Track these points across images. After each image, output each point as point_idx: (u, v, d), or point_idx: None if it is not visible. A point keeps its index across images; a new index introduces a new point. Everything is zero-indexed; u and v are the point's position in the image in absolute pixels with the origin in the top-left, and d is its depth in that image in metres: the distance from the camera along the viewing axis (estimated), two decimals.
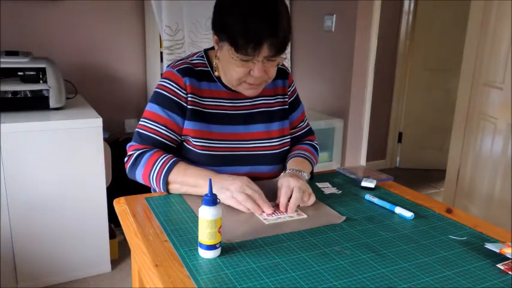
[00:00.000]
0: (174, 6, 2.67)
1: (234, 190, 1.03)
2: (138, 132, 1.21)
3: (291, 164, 1.25)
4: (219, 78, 1.24)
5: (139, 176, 1.17)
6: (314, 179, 1.32)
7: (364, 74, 2.72)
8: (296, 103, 1.38)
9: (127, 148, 1.21)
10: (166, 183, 1.12)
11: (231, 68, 1.12)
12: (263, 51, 1.05)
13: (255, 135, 1.26)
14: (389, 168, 4.13)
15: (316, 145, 1.43)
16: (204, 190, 0.86)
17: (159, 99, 1.20)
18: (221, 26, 1.10)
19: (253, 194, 1.03)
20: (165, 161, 1.13)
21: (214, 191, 0.88)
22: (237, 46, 1.05)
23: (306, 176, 1.20)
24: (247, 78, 1.13)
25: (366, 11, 2.63)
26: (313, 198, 1.09)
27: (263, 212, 1.03)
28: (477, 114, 2.66)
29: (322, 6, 2.87)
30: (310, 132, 1.45)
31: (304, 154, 1.31)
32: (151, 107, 1.21)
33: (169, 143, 1.20)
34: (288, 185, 1.07)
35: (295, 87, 1.38)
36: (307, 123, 1.45)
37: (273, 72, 1.14)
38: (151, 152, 1.16)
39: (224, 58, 1.13)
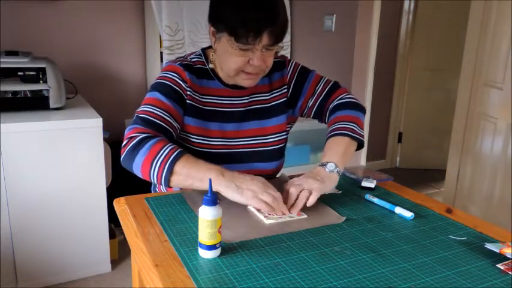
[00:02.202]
0: (174, 6, 2.67)
1: (258, 190, 0.99)
2: (139, 117, 1.13)
3: (324, 154, 1.17)
4: (217, 76, 1.24)
5: (138, 161, 1.06)
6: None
7: (364, 74, 2.72)
8: (303, 75, 1.32)
9: (127, 131, 1.11)
10: (170, 173, 1.03)
11: (230, 59, 1.12)
12: (263, 40, 1.07)
13: (250, 132, 1.27)
14: (389, 168, 4.13)
15: (351, 99, 1.30)
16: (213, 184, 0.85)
17: (160, 88, 1.18)
18: (219, 17, 1.11)
19: (276, 194, 1.01)
20: (172, 148, 1.05)
21: (231, 191, 0.87)
22: (237, 36, 1.06)
23: (333, 166, 1.11)
24: (246, 68, 1.13)
25: (366, 11, 2.63)
26: (311, 199, 1.05)
27: (283, 213, 1.02)
28: (477, 114, 2.66)
29: (322, 6, 2.87)
30: (334, 87, 1.33)
31: (341, 130, 1.20)
32: (152, 94, 1.17)
33: (170, 130, 1.15)
34: (297, 185, 1.06)
35: (295, 64, 1.33)
36: (327, 80, 1.34)
37: (270, 61, 1.15)
38: (158, 138, 1.08)
39: (222, 49, 1.13)
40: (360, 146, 1.24)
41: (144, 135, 1.08)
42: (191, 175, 1.03)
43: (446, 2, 3.64)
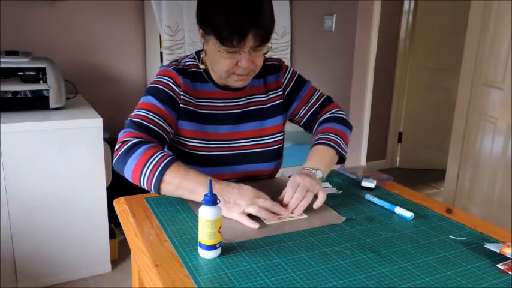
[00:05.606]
0: (174, 6, 2.67)
1: (245, 205, 0.99)
2: (133, 121, 1.13)
3: (309, 160, 1.19)
4: (211, 78, 1.24)
5: (130, 166, 1.05)
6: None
7: (364, 74, 2.72)
8: (299, 84, 1.34)
9: (121, 135, 1.11)
10: (160, 181, 1.02)
11: (219, 61, 1.12)
12: (248, 42, 1.06)
13: (248, 133, 1.27)
14: (389, 168, 4.13)
15: (341, 115, 1.34)
16: (202, 198, 0.85)
17: (154, 92, 1.18)
18: (205, 19, 1.11)
19: (265, 203, 1.00)
20: (163, 156, 1.04)
21: (220, 205, 0.87)
22: (222, 39, 1.06)
23: (321, 174, 1.14)
24: (236, 70, 1.13)
25: (366, 11, 2.62)
26: (319, 201, 1.06)
27: (279, 217, 1.01)
28: (477, 114, 2.66)
29: (322, 6, 2.87)
30: (327, 102, 1.36)
31: (327, 140, 1.23)
32: (146, 99, 1.17)
33: (163, 134, 1.15)
34: (294, 184, 1.06)
35: (292, 72, 1.35)
36: (320, 93, 1.37)
37: (259, 61, 1.14)
38: (151, 144, 1.07)
39: (211, 51, 1.13)
40: (341, 160, 1.26)
41: (137, 139, 1.07)
42: (181, 186, 1.02)
43: (446, 2, 3.64)
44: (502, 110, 2.44)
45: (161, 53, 2.77)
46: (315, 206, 1.05)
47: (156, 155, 1.04)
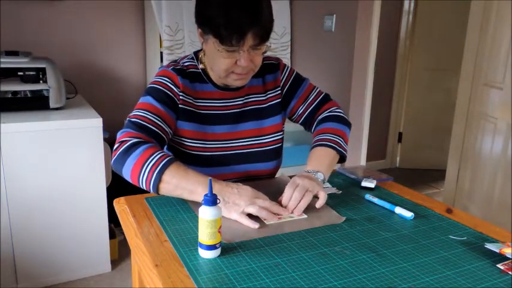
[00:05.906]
0: (174, 6, 2.67)
1: (244, 205, 0.99)
2: (132, 121, 1.13)
3: (310, 162, 1.19)
4: (210, 79, 1.24)
5: (128, 166, 1.05)
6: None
7: (364, 74, 2.72)
8: (297, 82, 1.34)
9: (119, 135, 1.10)
10: (158, 181, 1.02)
11: (218, 60, 1.12)
12: (247, 41, 1.06)
13: (247, 133, 1.27)
14: (389, 168, 4.13)
15: (340, 113, 1.34)
16: (201, 198, 0.85)
17: (153, 93, 1.18)
18: (204, 19, 1.11)
19: (264, 203, 1.01)
20: (162, 156, 1.04)
21: (220, 205, 0.87)
22: (221, 38, 1.06)
23: (322, 176, 1.14)
24: (235, 69, 1.13)
25: (366, 11, 2.62)
26: (321, 201, 1.06)
27: (279, 217, 1.01)
28: (477, 114, 2.66)
29: (322, 6, 2.87)
30: (326, 99, 1.36)
31: (327, 141, 1.23)
32: (145, 99, 1.17)
33: (162, 135, 1.15)
34: (293, 185, 1.06)
35: (290, 70, 1.35)
36: (319, 91, 1.37)
37: (258, 60, 1.14)
38: (149, 144, 1.07)
39: (210, 50, 1.13)
40: (341, 159, 1.26)
41: (136, 139, 1.07)
42: (180, 186, 1.02)
43: (446, 2, 3.64)
44: (502, 110, 2.44)
45: (161, 53, 2.77)
46: (317, 205, 1.06)
47: (154, 154, 1.04)
